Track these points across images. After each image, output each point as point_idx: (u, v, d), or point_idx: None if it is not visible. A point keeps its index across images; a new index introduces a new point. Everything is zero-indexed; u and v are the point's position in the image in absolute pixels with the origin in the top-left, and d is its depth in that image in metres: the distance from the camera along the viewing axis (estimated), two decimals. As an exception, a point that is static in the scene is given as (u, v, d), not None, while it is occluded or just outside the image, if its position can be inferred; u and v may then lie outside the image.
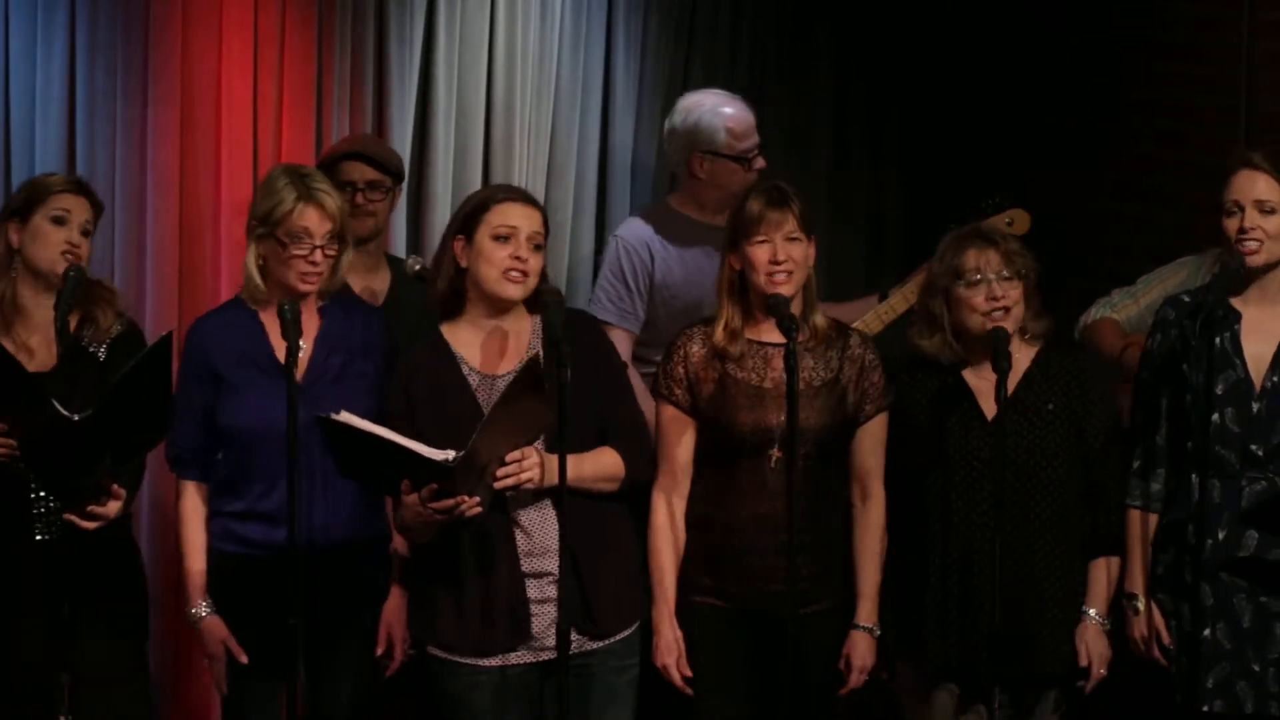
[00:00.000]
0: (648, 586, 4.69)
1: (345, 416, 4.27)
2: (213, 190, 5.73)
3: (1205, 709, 4.66)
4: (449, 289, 4.55)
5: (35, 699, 4.57)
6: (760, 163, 5.64)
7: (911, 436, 4.74)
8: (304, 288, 4.56)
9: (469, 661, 4.46)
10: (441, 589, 4.48)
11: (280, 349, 4.47)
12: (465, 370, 4.50)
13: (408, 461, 4.27)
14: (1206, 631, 4.65)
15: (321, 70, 5.87)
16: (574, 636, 4.41)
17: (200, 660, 4.73)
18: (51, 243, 4.62)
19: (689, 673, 4.65)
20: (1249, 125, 5.75)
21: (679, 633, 4.65)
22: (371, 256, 5.37)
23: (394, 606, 4.63)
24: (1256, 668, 4.65)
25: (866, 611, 4.71)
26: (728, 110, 5.63)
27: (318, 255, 4.55)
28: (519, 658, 4.47)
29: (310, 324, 4.63)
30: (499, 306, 4.51)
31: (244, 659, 4.61)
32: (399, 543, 4.61)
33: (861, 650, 4.70)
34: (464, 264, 4.50)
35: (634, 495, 4.69)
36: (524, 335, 4.51)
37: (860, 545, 4.73)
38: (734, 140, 5.60)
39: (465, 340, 4.53)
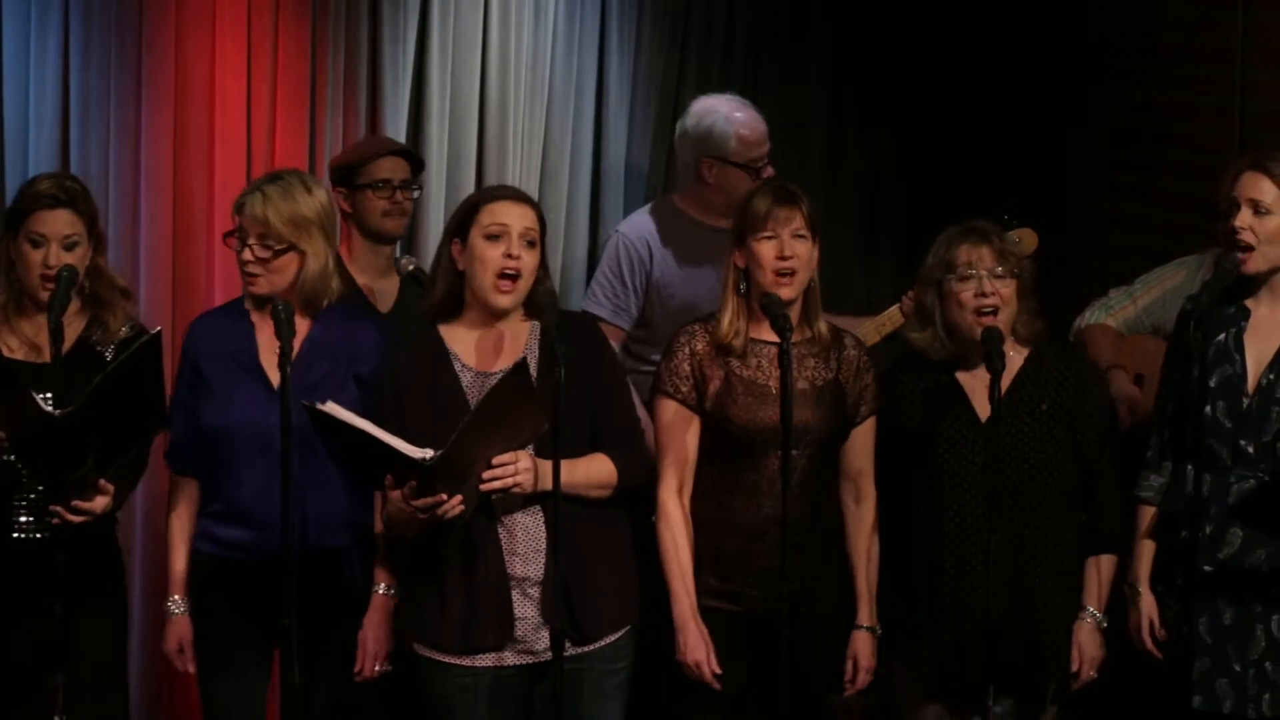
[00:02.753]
0: (654, 589, 4.68)
1: (330, 407, 4.27)
2: (206, 191, 5.74)
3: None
4: (447, 293, 4.53)
5: (29, 699, 4.56)
6: (769, 172, 5.63)
7: (903, 436, 4.73)
8: (247, 288, 4.60)
9: (456, 661, 4.44)
10: (428, 588, 4.46)
11: (265, 351, 4.51)
12: (458, 367, 4.49)
13: (388, 457, 4.26)
14: (1188, 627, 4.63)
15: (315, 71, 5.87)
16: None
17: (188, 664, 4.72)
18: (31, 265, 4.60)
19: (719, 669, 4.61)
20: (1245, 125, 5.75)
21: (704, 629, 4.61)
22: (382, 256, 5.37)
23: (373, 621, 4.61)
24: (1237, 667, 4.64)
25: (867, 611, 4.72)
26: (740, 117, 5.62)
27: (247, 254, 4.57)
28: (506, 659, 4.45)
29: (301, 328, 4.62)
30: (494, 313, 4.50)
31: (191, 669, 4.67)
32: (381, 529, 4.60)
33: (866, 650, 4.71)
34: (461, 267, 4.48)
35: (632, 500, 4.67)
36: (521, 337, 4.49)
37: (856, 546, 4.73)
38: (744, 149, 5.60)
39: (461, 338, 4.51)
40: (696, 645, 4.60)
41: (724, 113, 5.64)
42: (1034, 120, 6.54)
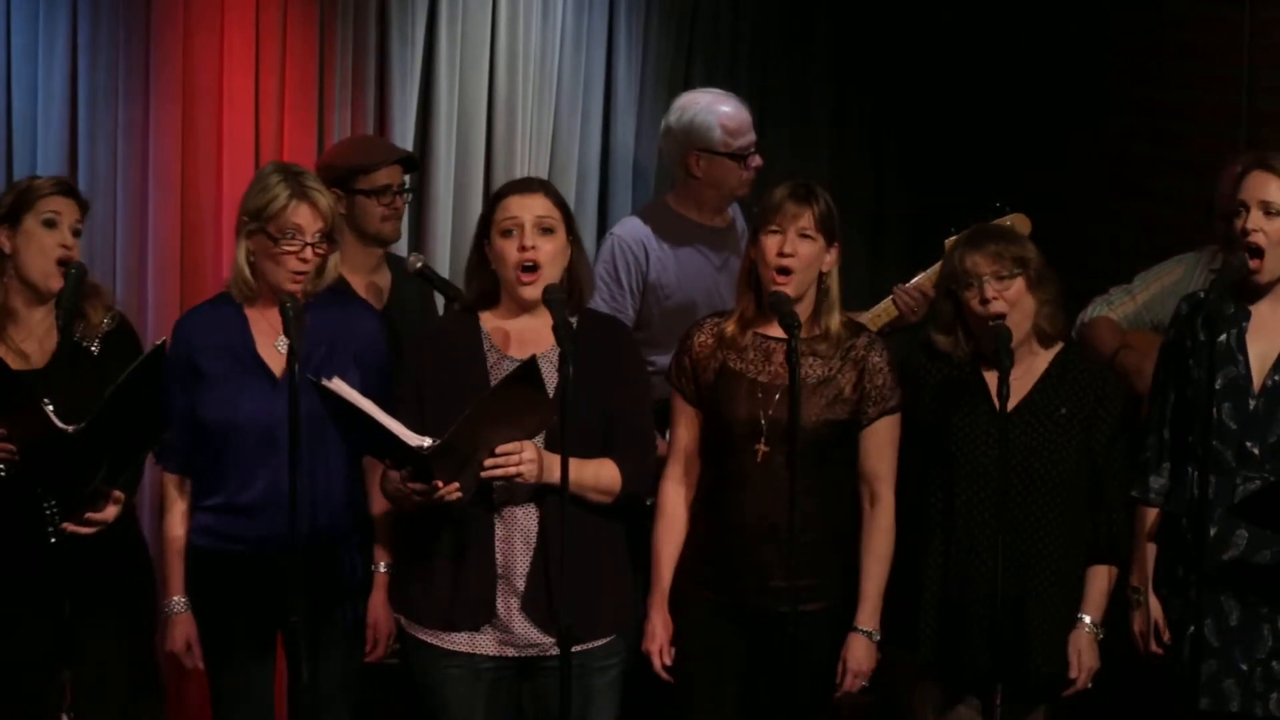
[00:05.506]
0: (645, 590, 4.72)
1: (336, 384, 4.30)
2: (214, 188, 5.74)
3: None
4: (480, 292, 4.57)
5: (37, 697, 4.56)
6: (757, 160, 5.65)
7: (920, 422, 4.73)
8: (290, 286, 4.56)
9: (438, 643, 4.47)
10: (418, 566, 4.51)
11: (263, 344, 4.54)
12: (486, 346, 4.53)
13: (387, 440, 4.29)
14: (1192, 628, 4.64)
15: (323, 69, 5.88)
16: (540, 638, 4.44)
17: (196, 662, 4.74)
18: (45, 246, 4.60)
19: (669, 662, 4.65)
20: (1250, 123, 5.76)
21: (668, 620, 4.65)
22: (374, 257, 5.37)
23: (379, 601, 4.65)
24: (1244, 666, 4.65)
25: (867, 615, 4.67)
26: (723, 108, 5.64)
27: (308, 253, 4.56)
28: (491, 650, 4.47)
29: None
30: (524, 306, 4.53)
31: (200, 665, 4.68)
32: (379, 508, 4.62)
33: (859, 654, 4.67)
34: (493, 266, 4.53)
35: (636, 510, 4.69)
36: (548, 331, 4.48)
37: (865, 548, 4.69)
38: (729, 138, 5.60)
39: (494, 323, 4.56)
40: (653, 635, 4.66)
41: (705, 104, 5.65)
42: (1038, 119, 6.55)
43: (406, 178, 5.42)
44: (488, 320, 4.56)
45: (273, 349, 4.56)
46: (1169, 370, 4.76)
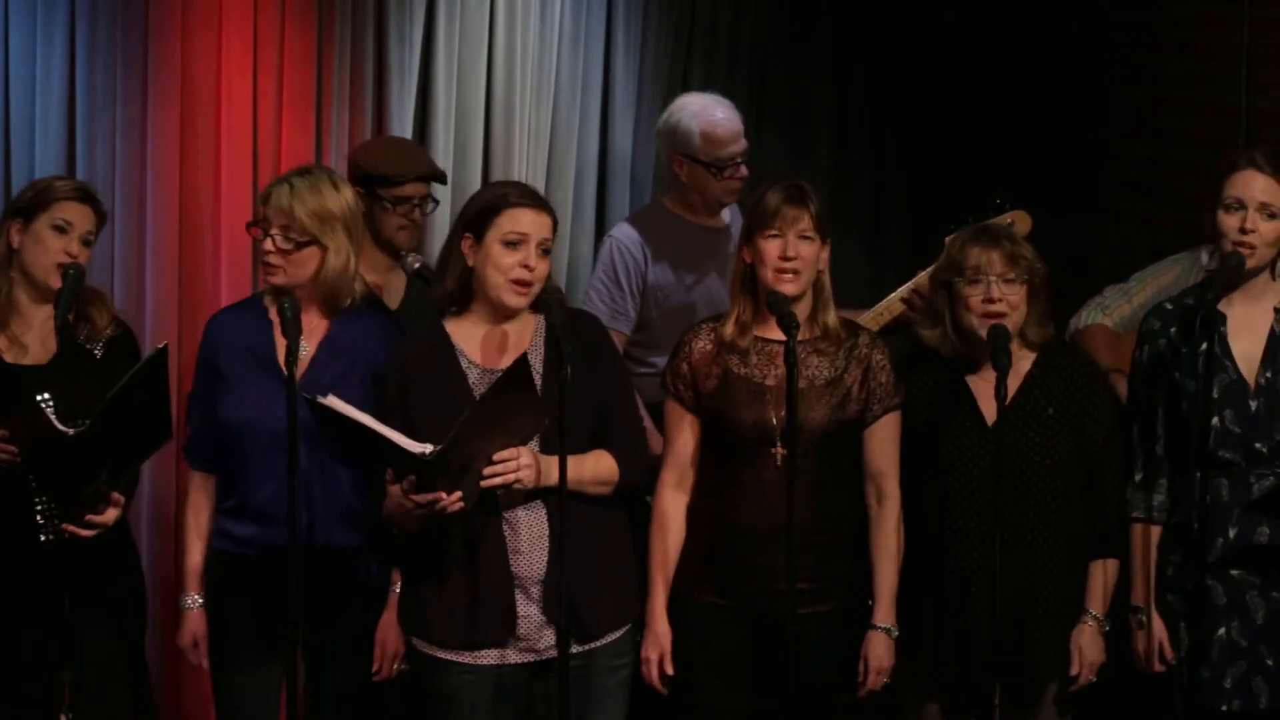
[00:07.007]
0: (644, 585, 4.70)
1: (331, 400, 4.29)
2: (212, 189, 5.74)
3: (1224, 709, 4.64)
4: (456, 286, 4.54)
5: (35, 698, 4.56)
6: (741, 171, 5.59)
7: (910, 434, 4.72)
8: (268, 279, 4.60)
9: (457, 659, 4.46)
10: (430, 585, 4.48)
11: (282, 348, 4.49)
12: (465, 364, 4.50)
13: (388, 451, 4.28)
14: (1221, 631, 4.64)
15: (321, 69, 5.87)
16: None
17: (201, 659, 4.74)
18: (50, 250, 4.62)
19: (670, 671, 4.63)
20: (1249, 122, 5.75)
21: (668, 629, 4.64)
22: (389, 258, 5.36)
23: (391, 620, 4.63)
24: (1271, 663, 4.64)
25: (884, 612, 4.68)
26: (713, 115, 5.60)
27: (268, 244, 4.57)
28: (508, 657, 4.46)
29: (319, 327, 4.65)
30: (503, 311, 4.50)
31: (205, 663, 4.69)
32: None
33: (879, 651, 4.68)
34: (471, 263, 4.49)
35: (632, 495, 4.68)
36: (526, 333, 4.50)
37: (877, 546, 4.69)
38: (709, 147, 5.57)
39: (466, 334, 4.52)
40: (654, 643, 4.64)
41: (693, 110, 5.62)
42: (1038, 118, 6.55)
43: (432, 195, 5.38)
44: (458, 331, 4.53)
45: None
46: (1151, 387, 4.74)
